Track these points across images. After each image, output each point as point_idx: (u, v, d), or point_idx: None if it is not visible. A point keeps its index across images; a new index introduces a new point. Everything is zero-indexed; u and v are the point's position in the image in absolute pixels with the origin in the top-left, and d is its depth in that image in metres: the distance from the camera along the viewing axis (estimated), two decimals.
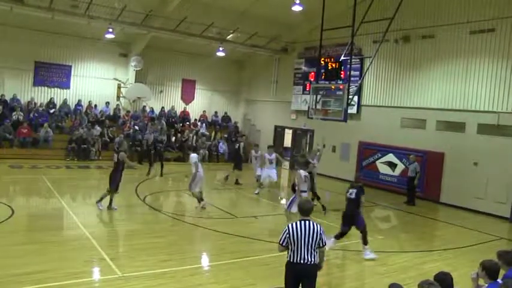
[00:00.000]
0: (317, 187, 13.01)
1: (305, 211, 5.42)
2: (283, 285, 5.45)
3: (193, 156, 12.00)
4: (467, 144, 15.07)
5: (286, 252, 5.39)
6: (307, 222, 5.30)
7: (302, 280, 5.29)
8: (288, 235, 5.28)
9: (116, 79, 22.16)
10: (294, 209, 9.35)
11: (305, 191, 9.92)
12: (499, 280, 4.70)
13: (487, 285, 4.72)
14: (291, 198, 10.08)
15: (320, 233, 5.26)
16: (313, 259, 5.22)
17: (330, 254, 9.20)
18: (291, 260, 5.28)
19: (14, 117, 19.02)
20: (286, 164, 21.81)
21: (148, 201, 12.53)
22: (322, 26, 14.09)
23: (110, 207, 11.02)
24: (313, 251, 5.23)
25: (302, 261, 5.20)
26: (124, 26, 19.13)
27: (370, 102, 18.63)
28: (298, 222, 5.32)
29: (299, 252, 5.21)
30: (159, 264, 7.64)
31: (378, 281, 7.68)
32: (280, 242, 5.34)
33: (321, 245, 5.30)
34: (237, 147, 17.10)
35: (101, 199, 11.03)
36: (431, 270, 6.27)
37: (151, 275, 7.10)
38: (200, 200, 11.86)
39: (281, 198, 14.84)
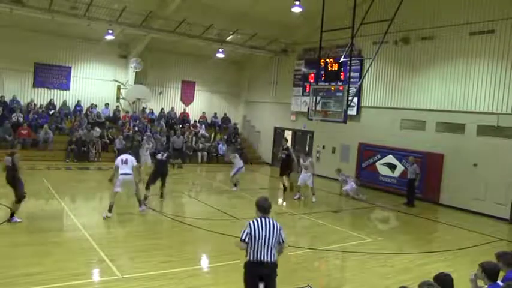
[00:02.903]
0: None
1: (264, 209, 5.30)
2: None
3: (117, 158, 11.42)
4: (467, 145, 15.08)
5: (245, 251, 5.26)
6: (267, 219, 5.25)
7: (263, 280, 5.15)
8: (249, 231, 5.17)
9: (115, 80, 22.18)
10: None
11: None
12: (499, 282, 4.70)
13: (486, 286, 4.72)
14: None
15: (279, 230, 5.24)
16: (273, 258, 5.17)
17: (330, 255, 9.21)
18: (251, 259, 5.17)
19: (13, 118, 19.03)
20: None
21: (148, 203, 12.51)
22: (322, 27, 14.11)
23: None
24: (273, 248, 5.18)
25: (263, 259, 5.11)
26: (124, 28, 19.14)
27: (370, 104, 18.64)
28: (258, 219, 5.25)
29: (259, 250, 5.13)
30: (158, 265, 7.64)
31: (377, 282, 7.67)
32: (242, 239, 5.18)
33: (280, 241, 5.27)
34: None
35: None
36: (431, 271, 6.27)
37: (151, 276, 7.09)
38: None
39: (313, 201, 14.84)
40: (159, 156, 12.77)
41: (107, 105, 22.07)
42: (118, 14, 18.01)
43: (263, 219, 5.24)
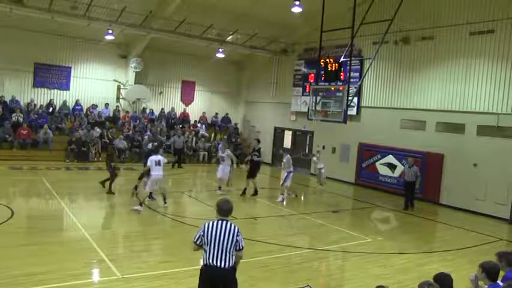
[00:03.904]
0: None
1: (224, 211, 5.02)
2: None
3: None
4: (467, 145, 15.07)
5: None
6: (224, 222, 4.95)
7: (218, 286, 4.93)
8: (202, 233, 4.93)
9: (115, 80, 22.18)
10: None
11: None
12: (499, 282, 4.69)
13: (486, 286, 4.72)
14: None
15: (237, 235, 4.91)
16: (228, 262, 4.85)
17: (330, 255, 9.22)
18: (205, 263, 4.89)
19: (13, 118, 19.02)
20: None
21: (148, 203, 12.51)
22: (321, 28, 14.11)
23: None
24: (228, 253, 4.86)
25: (217, 264, 4.83)
26: (124, 28, 19.14)
27: (370, 104, 18.64)
28: (215, 222, 4.97)
29: (214, 254, 4.85)
30: (158, 265, 7.65)
31: (377, 282, 7.61)
32: (194, 240, 4.99)
33: (238, 247, 4.94)
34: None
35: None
36: (431, 271, 6.25)
37: (151, 276, 7.09)
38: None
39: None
40: (149, 145, 13.02)
41: (107, 105, 22.07)
42: (118, 14, 18.00)
43: (219, 222, 4.95)
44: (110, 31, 19.05)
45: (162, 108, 23.72)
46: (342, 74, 17.22)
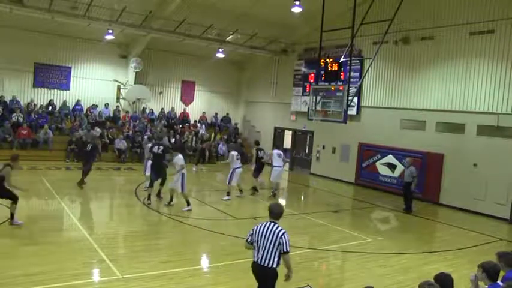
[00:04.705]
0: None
1: (273, 214, 5.38)
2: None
3: (180, 158, 11.83)
4: (467, 145, 15.07)
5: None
6: (271, 224, 5.30)
7: (261, 281, 5.35)
8: (251, 232, 5.39)
9: (115, 80, 22.18)
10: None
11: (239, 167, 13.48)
12: (499, 282, 4.70)
13: (486, 286, 4.72)
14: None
15: (280, 238, 5.17)
16: (269, 262, 5.19)
17: (330, 255, 9.22)
18: (253, 260, 5.38)
19: (13, 118, 19.02)
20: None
21: (148, 203, 12.51)
22: (321, 27, 14.11)
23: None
24: (271, 253, 5.19)
25: (260, 262, 5.25)
26: (124, 28, 19.15)
27: (370, 104, 18.64)
28: (264, 223, 5.37)
29: (258, 252, 5.28)
30: (158, 265, 7.64)
31: (377, 282, 7.65)
32: (245, 238, 5.47)
33: (282, 250, 5.19)
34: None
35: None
36: (431, 271, 6.26)
37: (151, 276, 7.09)
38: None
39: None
40: (155, 149, 12.46)
41: (106, 105, 22.06)
42: (118, 14, 18.00)
43: (267, 224, 5.32)
44: (110, 31, 19.05)
45: (162, 108, 23.72)
46: (342, 74, 17.24)
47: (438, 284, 4.23)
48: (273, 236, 5.19)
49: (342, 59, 15.58)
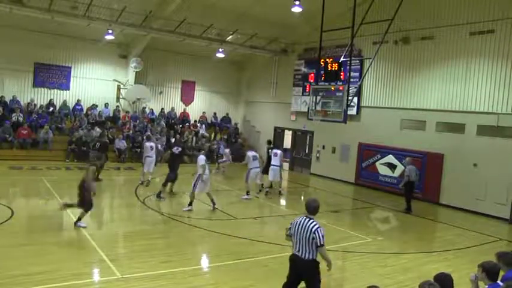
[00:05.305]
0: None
1: (309, 209, 5.75)
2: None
3: (201, 158, 11.90)
4: (467, 145, 15.07)
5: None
6: (307, 219, 5.64)
7: (298, 273, 5.69)
8: (290, 226, 5.79)
9: (115, 80, 22.18)
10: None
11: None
12: (499, 282, 4.70)
13: (486, 286, 4.72)
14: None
15: (313, 233, 5.49)
16: (307, 254, 5.55)
17: (330, 255, 9.19)
18: (292, 252, 5.74)
19: (13, 118, 19.02)
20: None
21: (148, 203, 12.52)
22: (321, 27, 14.10)
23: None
24: (307, 247, 5.53)
25: (297, 254, 5.62)
26: (124, 28, 19.13)
27: (370, 104, 18.63)
28: (301, 218, 5.72)
29: (295, 244, 5.66)
30: (158, 265, 7.64)
31: (377, 282, 7.59)
32: (286, 231, 5.88)
33: (317, 244, 5.50)
34: None
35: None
36: (431, 271, 6.26)
37: (151, 276, 7.09)
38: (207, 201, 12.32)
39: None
40: (174, 150, 13.40)
41: (106, 105, 22.07)
42: (118, 14, 18.00)
43: (303, 218, 5.68)
44: (110, 31, 19.04)
45: (162, 108, 23.72)
46: (342, 74, 17.26)
47: (438, 284, 4.22)
48: (307, 231, 5.53)
49: (342, 59, 15.58)
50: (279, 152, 15.16)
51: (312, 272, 5.62)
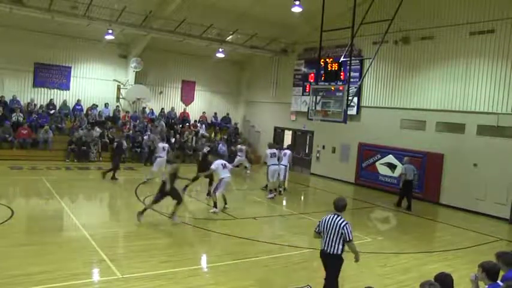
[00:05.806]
0: None
1: (337, 206, 6.12)
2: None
3: (215, 163, 11.96)
4: (467, 145, 15.07)
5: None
6: (335, 216, 6.03)
7: (326, 266, 6.11)
8: (319, 223, 6.14)
9: (115, 80, 22.19)
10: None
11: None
12: (499, 281, 4.70)
13: (486, 286, 4.72)
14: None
15: (342, 229, 5.88)
16: (333, 249, 5.95)
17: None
18: (321, 248, 6.12)
19: (13, 118, 19.02)
20: None
21: (148, 202, 12.50)
22: (321, 27, 14.11)
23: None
24: (335, 242, 5.93)
25: (325, 249, 6.02)
26: (124, 28, 19.14)
27: (370, 104, 18.64)
28: (329, 215, 6.08)
29: (324, 241, 6.03)
30: (158, 265, 7.64)
31: (377, 282, 7.65)
32: (315, 229, 6.21)
33: (346, 239, 5.91)
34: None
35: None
36: (432, 271, 6.26)
37: (151, 276, 7.09)
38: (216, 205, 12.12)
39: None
40: (205, 150, 14.54)
41: (106, 105, 22.07)
42: (118, 14, 18.00)
43: (331, 216, 6.04)
44: (110, 31, 19.04)
45: (162, 108, 23.72)
46: (342, 73, 17.23)
47: (439, 283, 4.23)
48: (336, 227, 5.91)
49: (342, 59, 15.58)
50: (288, 152, 15.50)
51: (333, 263, 5.98)
